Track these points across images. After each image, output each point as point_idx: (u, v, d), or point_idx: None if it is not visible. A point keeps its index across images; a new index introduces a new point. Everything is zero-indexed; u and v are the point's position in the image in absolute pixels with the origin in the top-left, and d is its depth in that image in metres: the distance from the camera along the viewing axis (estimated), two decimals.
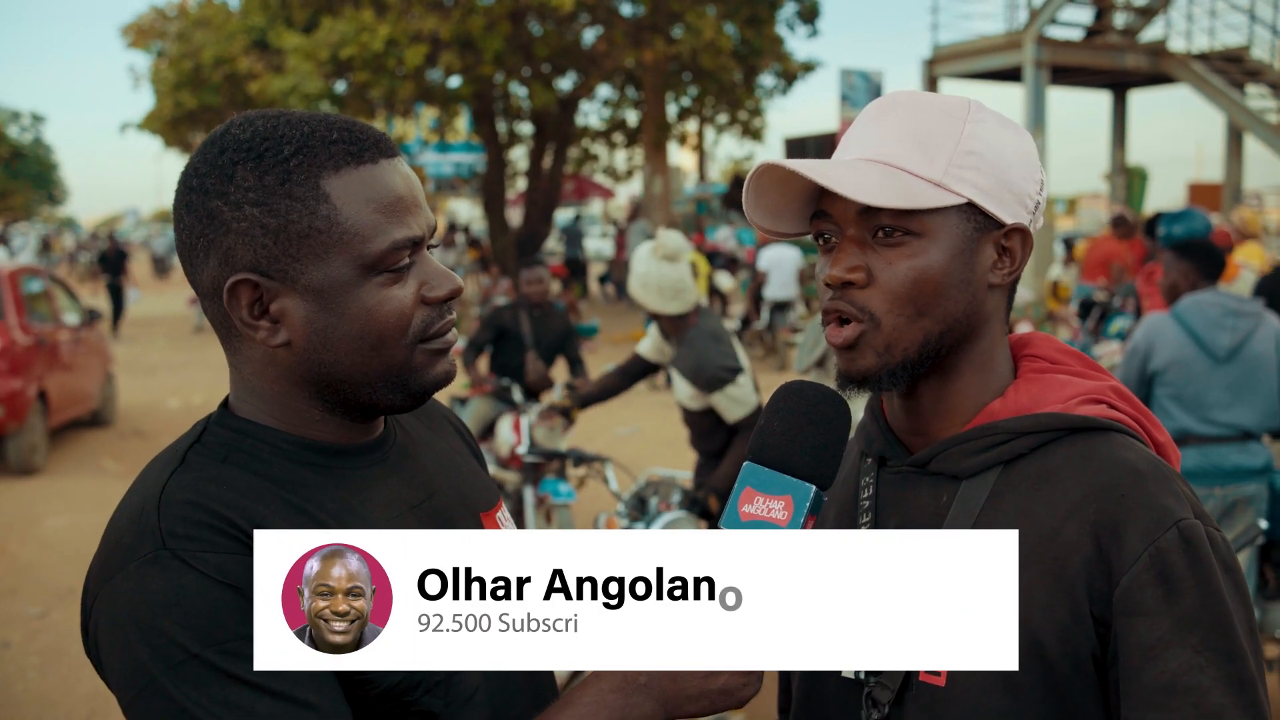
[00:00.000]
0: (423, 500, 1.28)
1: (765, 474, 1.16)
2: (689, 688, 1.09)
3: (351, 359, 1.17)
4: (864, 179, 1.16)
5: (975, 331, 1.23)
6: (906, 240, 1.17)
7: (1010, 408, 1.22)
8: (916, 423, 1.27)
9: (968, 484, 1.20)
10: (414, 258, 1.19)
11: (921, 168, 1.18)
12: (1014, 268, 1.23)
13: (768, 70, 21.01)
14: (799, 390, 1.20)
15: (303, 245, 1.13)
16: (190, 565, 1.05)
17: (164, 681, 1.02)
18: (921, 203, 1.16)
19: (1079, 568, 1.11)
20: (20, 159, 55.88)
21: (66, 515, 7.93)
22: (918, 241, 1.17)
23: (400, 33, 16.73)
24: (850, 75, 18.92)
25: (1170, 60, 15.42)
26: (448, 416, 1.51)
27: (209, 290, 1.17)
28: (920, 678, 1.17)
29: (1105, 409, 1.21)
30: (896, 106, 1.24)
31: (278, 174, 1.13)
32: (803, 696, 1.32)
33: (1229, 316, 4.28)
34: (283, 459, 1.18)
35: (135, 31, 27.01)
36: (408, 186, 1.19)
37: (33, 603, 6.18)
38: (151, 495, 1.11)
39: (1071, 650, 1.11)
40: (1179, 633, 1.07)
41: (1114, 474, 1.14)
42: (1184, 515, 1.11)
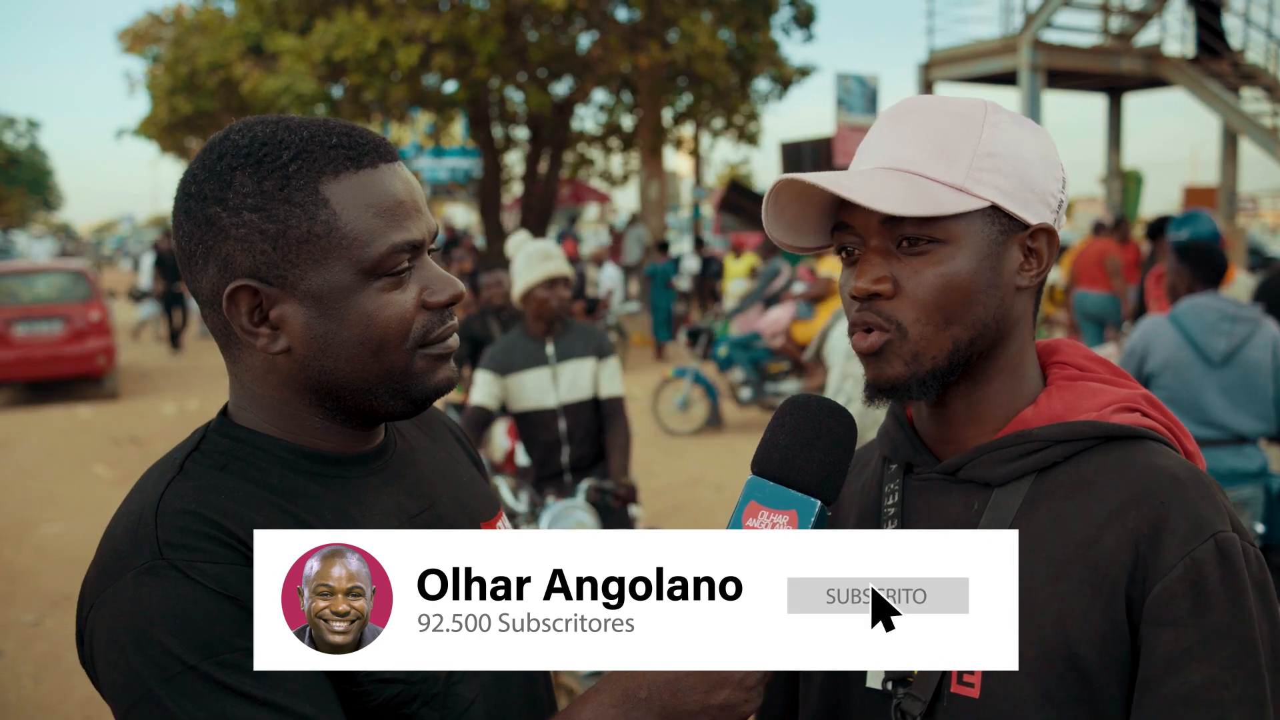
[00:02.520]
0: (423, 510, 1.28)
1: (770, 488, 1.14)
2: (690, 702, 1.07)
3: (352, 365, 1.16)
4: (884, 188, 1.15)
5: (1005, 336, 1.21)
6: (931, 248, 1.16)
7: (1043, 415, 1.21)
8: (946, 430, 1.25)
9: (1000, 492, 1.19)
10: (414, 262, 1.18)
11: (942, 173, 1.16)
12: (1041, 269, 1.21)
13: (763, 75, 21.02)
14: (805, 404, 1.19)
15: (302, 251, 1.13)
16: (187, 576, 1.04)
17: (160, 693, 1.01)
18: (945, 209, 1.14)
19: (1118, 576, 1.09)
20: (16, 165, 55.87)
21: (61, 522, 7.92)
22: (943, 248, 1.16)
23: (393, 34, 16.72)
24: (846, 80, 18.88)
25: (1165, 64, 15.45)
26: (448, 424, 1.50)
27: (208, 297, 1.16)
28: (952, 689, 1.14)
29: (1139, 417, 1.20)
30: (911, 112, 1.22)
31: (277, 180, 1.12)
32: (826, 708, 1.29)
33: (1226, 321, 4.28)
34: (282, 468, 1.18)
35: (131, 37, 27.02)
36: (408, 191, 1.18)
37: (27, 610, 6.16)
38: (149, 504, 1.10)
39: (1112, 661, 1.09)
40: (1206, 647, 1.06)
41: (1153, 481, 1.13)
42: (1222, 528, 1.09)
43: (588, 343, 4.66)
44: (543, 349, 4.65)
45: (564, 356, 4.64)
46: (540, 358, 4.65)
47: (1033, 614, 1.11)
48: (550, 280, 4.58)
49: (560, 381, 4.62)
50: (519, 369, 4.64)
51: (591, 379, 4.64)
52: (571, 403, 4.62)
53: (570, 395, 4.62)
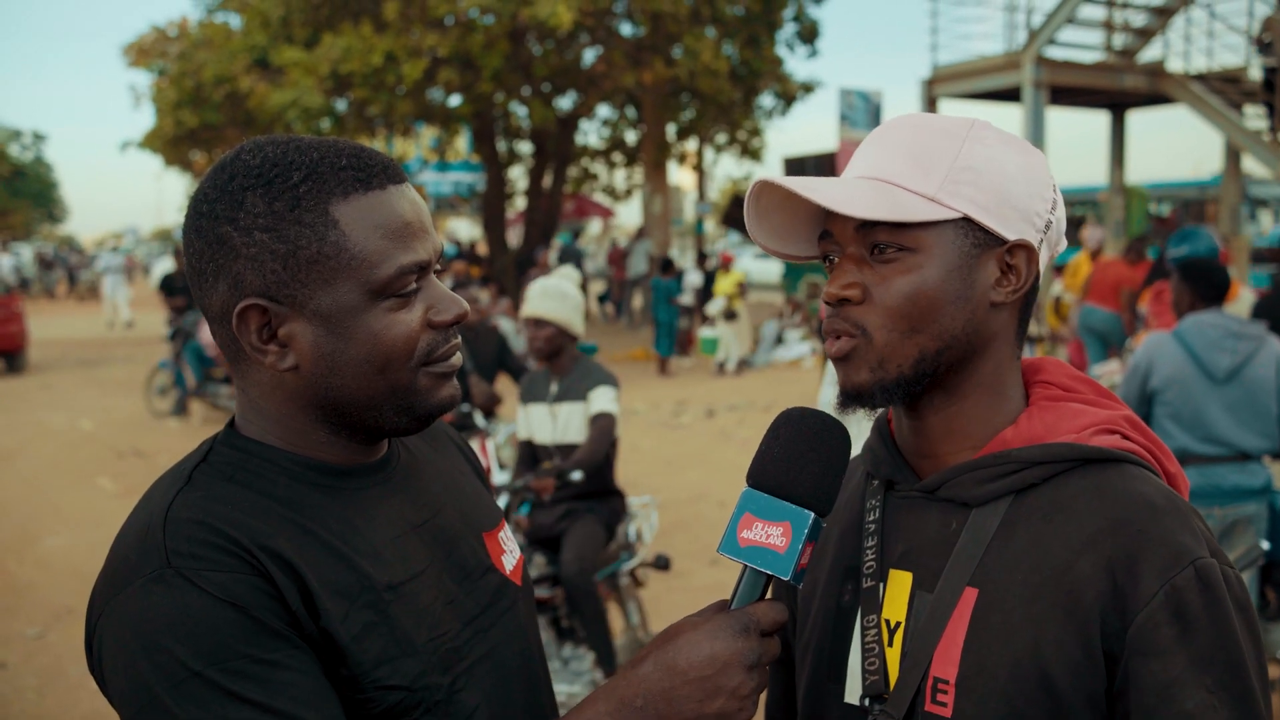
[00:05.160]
0: (426, 520, 1.29)
1: (764, 500, 1.15)
2: (685, 711, 1.08)
3: (358, 382, 1.18)
4: (855, 194, 1.16)
5: (979, 351, 1.21)
6: (901, 256, 1.17)
7: (1023, 436, 1.21)
8: (925, 445, 1.26)
9: (978, 512, 1.19)
10: (421, 282, 1.20)
11: (917, 183, 1.17)
12: (1019, 285, 1.21)
13: (767, 91, 21.08)
14: (800, 417, 1.19)
15: (311, 271, 1.14)
16: (195, 584, 1.06)
17: (166, 700, 1.03)
18: (911, 215, 1.15)
19: (1092, 603, 1.10)
20: (21, 177, 56.02)
21: (64, 535, 7.92)
22: (912, 257, 1.17)
23: (399, 48, 16.80)
24: (850, 95, 18.94)
25: (1168, 81, 15.47)
26: (451, 436, 1.51)
27: (218, 314, 1.18)
28: (926, 707, 1.16)
29: (1119, 439, 1.20)
30: (899, 128, 1.23)
31: (287, 200, 1.14)
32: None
33: (1229, 338, 4.28)
34: (288, 479, 1.19)
35: (137, 51, 27.06)
36: (415, 212, 1.20)
37: (31, 623, 6.16)
38: (157, 514, 1.11)
39: (1084, 686, 1.09)
40: (1193, 672, 1.06)
41: (1130, 508, 1.13)
42: (1200, 554, 1.10)
43: (586, 384, 4.72)
44: (548, 385, 4.77)
45: (562, 397, 4.73)
46: (545, 393, 4.79)
47: (1007, 636, 1.12)
48: (531, 320, 4.66)
49: (557, 421, 4.72)
50: (530, 400, 4.84)
51: (583, 422, 4.70)
52: (565, 444, 4.72)
53: (564, 437, 4.72)
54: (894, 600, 1.22)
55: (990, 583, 1.15)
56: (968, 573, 1.17)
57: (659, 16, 17.56)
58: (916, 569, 1.21)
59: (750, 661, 1.09)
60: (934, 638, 1.16)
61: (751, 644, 1.10)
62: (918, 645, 1.17)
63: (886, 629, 1.22)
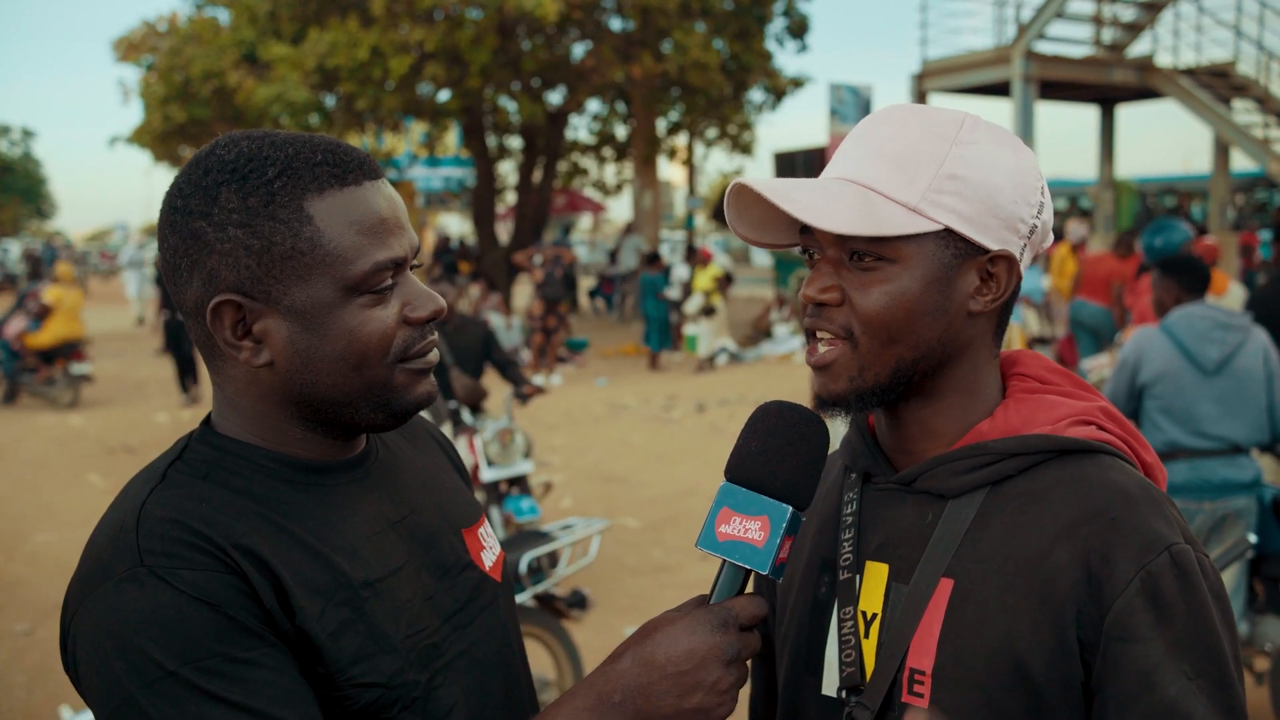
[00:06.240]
0: (404, 516, 1.28)
1: (742, 494, 1.15)
2: (663, 706, 1.08)
3: (333, 379, 1.17)
4: (834, 204, 1.15)
5: (954, 358, 1.21)
6: (880, 265, 1.16)
7: (999, 428, 1.21)
8: (903, 441, 1.26)
9: (954, 504, 1.19)
10: (396, 278, 1.19)
11: (899, 191, 1.16)
12: (998, 295, 1.20)
13: (757, 85, 21.06)
14: (778, 410, 1.19)
15: (286, 267, 1.14)
16: (168, 583, 1.05)
17: (140, 699, 1.02)
18: (891, 229, 1.13)
19: (1068, 592, 1.10)
20: (9, 173, 55.79)
21: (54, 531, 7.90)
22: (891, 267, 1.16)
23: (386, 43, 16.74)
24: (839, 90, 18.95)
25: (1157, 75, 15.51)
26: (431, 432, 1.50)
27: (193, 310, 1.17)
28: (902, 698, 1.16)
29: (1094, 430, 1.20)
30: (887, 123, 1.21)
31: (262, 195, 1.13)
32: (785, 713, 1.31)
33: (1218, 330, 4.30)
34: (263, 476, 1.19)
35: (126, 46, 26.94)
36: (391, 208, 1.19)
37: (19, 620, 6.15)
38: (130, 512, 1.11)
39: (1059, 675, 1.10)
40: (1171, 658, 1.07)
41: (1104, 497, 1.13)
42: (1175, 540, 1.10)
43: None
44: None
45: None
46: None
47: (982, 626, 1.13)
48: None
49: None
50: None
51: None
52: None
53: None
54: (870, 592, 1.22)
55: (966, 574, 1.16)
56: (943, 564, 1.17)
57: (648, 10, 17.53)
58: (893, 561, 1.22)
59: (729, 656, 1.09)
60: (910, 629, 1.17)
61: (730, 639, 1.10)
62: (894, 637, 1.18)
63: (863, 621, 1.22)
